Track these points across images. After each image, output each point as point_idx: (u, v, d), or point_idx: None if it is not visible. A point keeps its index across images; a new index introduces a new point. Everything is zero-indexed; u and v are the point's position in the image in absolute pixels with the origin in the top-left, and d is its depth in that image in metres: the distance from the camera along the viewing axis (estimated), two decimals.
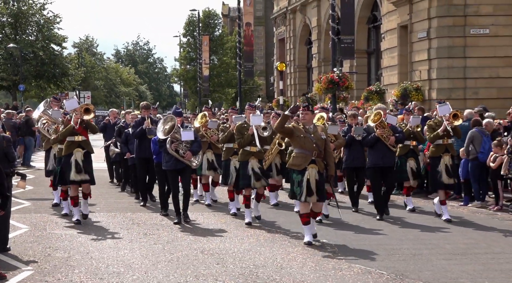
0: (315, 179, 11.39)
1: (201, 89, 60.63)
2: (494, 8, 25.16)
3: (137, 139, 16.01)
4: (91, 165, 13.81)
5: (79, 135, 13.56)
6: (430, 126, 14.16)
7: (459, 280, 9.14)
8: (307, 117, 11.70)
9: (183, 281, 9.17)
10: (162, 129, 13.38)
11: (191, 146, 13.55)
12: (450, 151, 14.06)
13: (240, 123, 13.78)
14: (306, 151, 11.47)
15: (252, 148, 13.45)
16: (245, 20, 49.50)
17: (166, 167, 13.73)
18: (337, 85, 29.07)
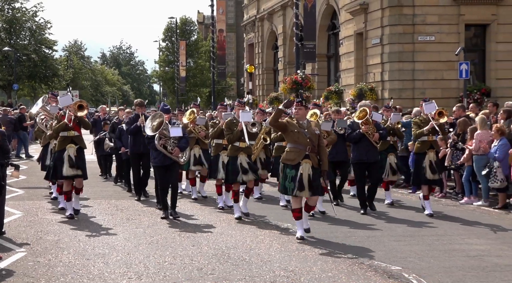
0: (308, 174, 10.44)
1: (178, 89, 60.49)
2: (439, 18, 25.33)
3: (132, 136, 15.02)
4: (84, 160, 12.81)
5: (72, 131, 12.64)
6: (415, 123, 13.27)
7: (408, 259, 9.20)
8: (300, 112, 10.77)
9: (162, 261, 9.13)
10: (150, 126, 12.39)
11: (178, 142, 12.51)
12: (435, 147, 13.24)
13: (229, 119, 12.80)
14: (300, 145, 10.54)
15: (241, 143, 12.50)
16: (218, 27, 49.43)
17: (154, 163, 12.80)
18: (301, 86, 29.15)
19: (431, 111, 13.05)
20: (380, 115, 13.87)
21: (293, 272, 8.48)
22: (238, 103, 13.31)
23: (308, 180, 10.41)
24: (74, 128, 12.64)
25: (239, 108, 12.97)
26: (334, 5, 33.50)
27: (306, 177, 10.42)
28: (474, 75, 25.94)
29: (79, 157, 12.61)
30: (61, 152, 12.57)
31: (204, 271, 8.57)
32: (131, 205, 14.41)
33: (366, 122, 13.16)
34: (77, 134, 12.74)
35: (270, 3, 43.63)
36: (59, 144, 12.65)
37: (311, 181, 10.43)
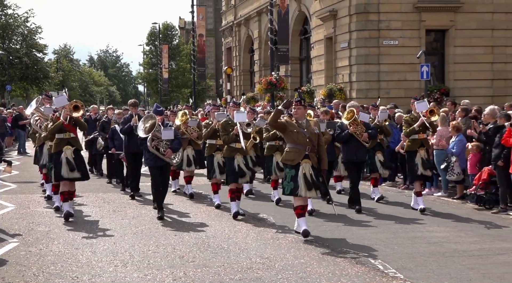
0: (310, 174, 9.66)
1: (161, 89, 60.20)
2: (402, 24, 25.47)
3: (126, 136, 14.19)
4: (83, 162, 11.83)
5: (68, 132, 11.56)
6: (406, 121, 12.55)
7: (374, 246, 9.24)
8: (299, 112, 9.94)
9: (146, 250, 9.09)
10: (142, 128, 11.45)
11: (171, 143, 11.64)
12: (425, 145, 12.48)
13: (224, 120, 11.99)
14: (300, 145, 9.74)
15: (237, 144, 11.65)
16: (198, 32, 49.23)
17: (147, 164, 11.99)
18: (275, 86, 29.17)
19: (423, 109, 12.33)
20: (367, 115, 13.18)
21: (268, 259, 8.48)
22: (233, 104, 12.39)
23: (311, 179, 9.66)
24: (70, 130, 11.62)
25: (234, 109, 12.12)
26: (305, 11, 33.54)
27: (309, 176, 9.66)
28: (434, 76, 26.12)
29: (77, 159, 11.59)
30: (58, 154, 11.53)
31: (186, 259, 8.54)
32: (117, 198, 14.33)
33: (353, 122, 12.47)
34: (73, 136, 11.68)
35: (247, 9, 43.60)
36: (55, 146, 11.60)
37: (314, 180, 9.70)
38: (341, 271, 7.84)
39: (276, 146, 13.45)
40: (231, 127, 11.73)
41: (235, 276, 7.65)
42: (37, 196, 14.48)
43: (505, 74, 25.91)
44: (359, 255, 8.67)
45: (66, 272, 7.91)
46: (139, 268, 8.05)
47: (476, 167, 13.40)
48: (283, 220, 11.31)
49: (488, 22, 25.78)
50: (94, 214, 12.22)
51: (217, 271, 7.87)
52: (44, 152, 13.49)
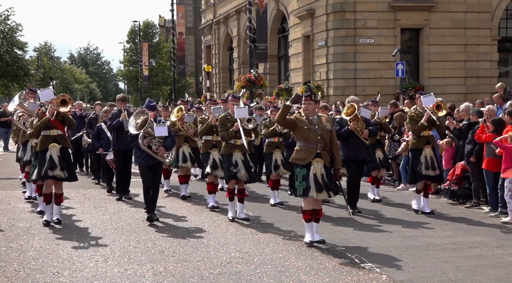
0: (321, 174, 8.75)
1: (142, 86, 59.96)
2: (378, 23, 25.62)
3: (114, 132, 13.14)
4: (69, 161, 10.80)
5: (55, 129, 10.44)
6: (411, 117, 11.56)
7: (351, 240, 9.27)
8: (310, 107, 8.97)
9: (126, 245, 9.03)
10: (134, 124, 10.51)
11: (164, 141, 10.66)
12: (431, 142, 11.52)
13: (223, 115, 11.05)
14: (311, 143, 8.82)
15: (236, 140, 10.79)
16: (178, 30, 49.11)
17: (137, 162, 10.85)
18: (254, 84, 29.19)
19: (430, 104, 11.32)
20: (369, 111, 12.24)
21: (247, 254, 8.47)
22: (232, 98, 11.32)
23: (322, 180, 8.75)
24: (57, 126, 10.49)
25: (234, 103, 11.07)
26: (283, 10, 33.58)
27: (320, 177, 8.74)
28: (409, 74, 26.32)
29: (63, 158, 10.47)
30: (43, 152, 10.43)
31: (166, 254, 8.51)
32: (98, 194, 14.22)
33: (354, 119, 11.56)
34: (60, 133, 10.55)
35: (226, 8, 43.52)
36: (40, 144, 10.48)
37: (325, 181, 8.79)
38: (318, 265, 7.85)
39: (275, 143, 12.68)
40: (230, 123, 10.83)
41: (214, 270, 7.63)
42: (18, 192, 14.33)
43: (477, 72, 26.19)
44: (336, 249, 8.69)
45: (47, 267, 7.84)
46: (119, 263, 8.01)
47: (450, 162, 13.49)
48: (262, 219, 11.30)
49: (461, 21, 26.03)
50: (75, 210, 12.12)
51: (196, 266, 7.85)
52: (27, 149, 12.62)
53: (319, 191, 8.70)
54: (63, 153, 10.53)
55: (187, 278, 7.31)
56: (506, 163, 10.61)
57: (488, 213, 11.39)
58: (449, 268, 7.67)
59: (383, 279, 7.25)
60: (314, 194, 8.68)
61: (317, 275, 7.38)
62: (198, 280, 7.25)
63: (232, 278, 7.30)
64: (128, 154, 13.06)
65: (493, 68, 26.58)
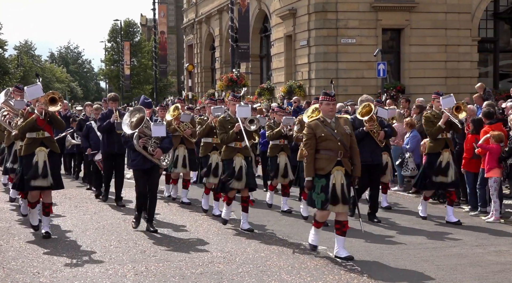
0: (341, 184, 7.95)
1: (123, 86, 59.70)
2: (359, 23, 25.70)
3: (105, 134, 12.34)
4: (57, 167, 9.71)
5: (42, 131, 9.36)
6: (427, 119, 10.63)
7: (332, 240, 9.25)
8: (327, 108, 8.02)
9: (107, 245, 8.99)
10: (128, 123, 9.54)
11: (161, 142, 9.78)
12: (450, 146, 10.64)
13: (222, 116, 10.14)
14: (330, 151, 7.93)
15: (237, 143, 9.85)
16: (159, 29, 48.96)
17: (131, 166, 9.96)
18: (236, 83, 29.16)
19: (450, 105, 10.48)
20: (386, 111, 11.26)
21: (229, 253, 8.47)
22: (232, 98, 10.26)
23: (341, 191, 7.96)
24: (44, 128, 9.40)
25: (234, 103, 10.07)
26: (265, 10, 33.57)
27: (339, 187, 7.94)
28: (390, 74, 26.43)
29: (51, 163, 9.40)
30: (28, 157, 9.33)
31: (147, 253, 8.48)
32: (79, 194, 14.15)
33: (370, 119, 10.51)
34: (48, 135, 9.46)
35: (208, 7, 43.45)
36: (26, 148, 9.39)
37: (344, 192, 7.99)
38: (300, 264, 7.87)
39: (281, 145, 11.71)
40: (230, 124, 9.89)
41: (196, 270, 7.62)
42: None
43: (457, 72, 26.37)
44: (318, 248, 8.71)
45: (27, 267, 7.78)
46: (100, 263, 7.96)
47: None
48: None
49: (442, 22, 26.20)
50: (55, 209, 11.98)
51: (178, 265, 7.83)
52: (12, 153, 11.59)
53: (334, 203, 7.93)
54: (51, 157, 9.44)
55: (169, 278, 7.29)
56: (490, 163, 10.72)
57: (468, 212, 11.49)
58: (430, 267, 7.73)
59: (364, 278, 7.29)
60: (329, 206, 7.97)
61: (299, 275, 7.39)
62: (179, 279, 7.24)
63: (214, 277, 7.30)
64: (119, 158, 12.42)
65: (473, 68, 26.80)
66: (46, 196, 9.55)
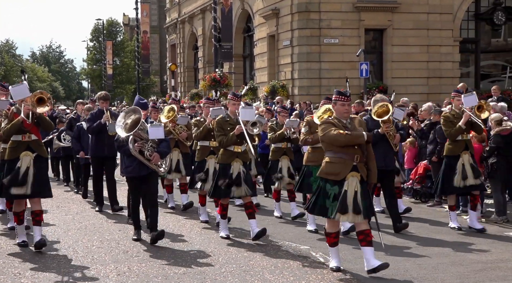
0: (355, 191, 7.23)
1: (106, 85, 59.37)
2: (342, 23, 25.78)
3: (94, 136, 11.43)
4: (44, 173, 8.81)
5: (29, 133, 8.54)
6: (446, 119, 9.88)
7: (315, 239, 9.32)
8: (342, 109, 7.39)
9: (90, 245, 8.94)
10: (122, 125, 8.69)
11: (158, 146, 8.93)
12: (470, 148, 9.90)
13: (221, 116, 9.33)
14: (345, 155, 7.25)
15: (236, 147, 9.11)
16: (142, 29, 48.85)
17: (126, 173, 9.08)
18: (219, 83, 29.18)
19: (472, 104, 9.82)
20: (402, 112, 10.52)
21: (212, 253, 8.46)
22: (232, 97, 9.42)
23: (354, 199, 7.22)
24: (31, 130, 8.58)
25: (235, 102, 9.36)
26: (248, 9, 33.58)
27: (351, 195, 7.23)
28: (373, 74, 26.53)
29: (37, 169, 8.56)
30: (12, 162, 8.51)
31: (130, 254, 8.45)
32: (61, 193, 14.04)
33: (387, 120, 9.66)
34: (35, 138, 8.64)
35: (191, 7, 43.38)
36: (9, 151, 8.56)
37: (357, 200, 7.24)
38: (283, 264, 7.88)
39: (283, 149, 11.02)
40: (230, 125, 9.15)
41: (179, 270, 7.61)
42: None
43: (439, 72, 26.55)
44: (301, 247, 8.73)
45: (8, 268, 7.72)
46: (83, 263, 7.92)
47: (413, 161, 13.65)
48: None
49: (424, 22, 26.36)
50: None
51: (161, 266, 7.81)
52: None
53: (343, 212, 7.21)
54: (38, 163, 8.59)
55: (151, 278, 7.27)
56: None
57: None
58: (412, 266, 7.77)
59: (347, 277, 7.31)
60: (337, 215, 7.26)
61: (282, 274, 7.40)
62: (162, 279, 7.22)
63: (197, 277, 7.29)
64: (109, 162, 11.60)
65: (455, 68, 27.00)
66: (34, 203, 8.70)
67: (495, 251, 8.59)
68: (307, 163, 9.78)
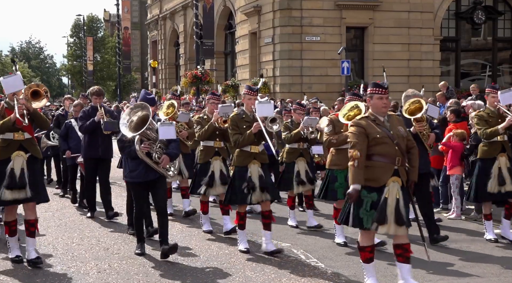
0: (396, 199, 6.17)
1: (86, 82, 59.10)
2: (324, 21, 25.86)
3: (86, 136, 10.33)
4: (38, 175, 7.84)
5: (22, 131, 7.49)
6: (481, 117, 8.85)
7: (296, 237, 9.34)
8: (379, 103, 6.27)
9: (70, 243, 8.87)
10: (126, 123, 7.57)
11: (166, 147, 7.88)
12: (507, 150, 8.86)
13: (235, 113, 8.27)
14: (386, 157, 6.18)
15: (253, 147, 8.07)
16: (123, 25, 48.62)
17: (130, 178, 7.95)
18: (200, 80, 29.13)
19: (509, 102, 8.75)
20: (437, 109, 9.36)
21: (193, 250, 8.44)
22: (248, 91, 8.25)
23: (395, 207, 6.17)
24: (24, 128, 7.52)
25: (251, 97, 8.19)
26: (230, 6, 33.55)
27: (393, 203, 6.16)
28: (354, 72, 26.66)
29: (31, 171, 7.56)
30: (3, 164, 7.48)
31: (110, 251, 8.39)
32: None
33: (421, 118, 8.48)
34: (28, 136, 7.60)
35: (172, 3, 43.24)
36: (0, 151, 7.54)
37: (400, 209, 6.19)
38: (264, 261, 7.88)
39: (299, 150, 9.90)
40: (246, 123, 8.11)
41: (160, 267, 7.57)
42: None
43: (420, 70, 26.75)
44: (282, 245, 8.73)
45: None
46: (62, 261, 7.86)
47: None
48: None
49: (405, 21, 26.53)
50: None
51: (142, 263, 7.77)
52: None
53: (381, 222, 6.17)
54: (31, 164, 7.59)
55: (132, 275, 7.23)
56: (452, 160, 10.84)
57: None
58: (392, 263, 7.79)
59: (328, 274, 7.32)
60: (391, 228, 6.20)
61: (263, 271, 7.40)
62: (143, 277, 7.18)
63: (178, 274, 7.26)
64: (103, 163, 10.45)
65: (436, 67, 27.21)
66: (30, 210, 7.65)
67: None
68: (331, 167, 8.66)
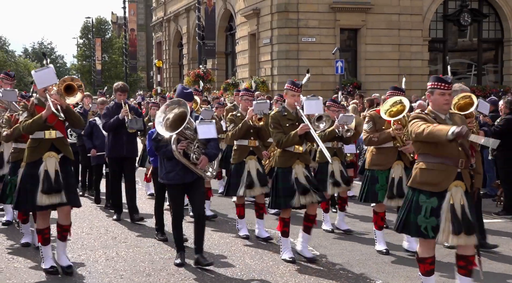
0: (461, 205, 5.22)
1: (95, 80, 59.08)
2: (319, 23, 25.83)
3: (110, 134, 9.48)
4: (72, 178, 6.79)
5: (52, 129, 6.55)
6: None
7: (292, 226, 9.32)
8: (442, 99, 5.35)
9: (79, 232, 8.84)
10: (162, 121, 6.60)
11: (205, 147, 6.93)
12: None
13: (277, 110, 7.36)
14: (448, 159, 5.23)
15: (297, 147, 7.13)
16: (130, 27, 48.55)
17: (166, 180, 6.99)
18: (202, 79, 29.08)
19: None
20: (488, 105, 8.07)
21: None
22: (291, 86, 7.24)
23: (462, 215, 5.21)
24: (56, 126, 6.58)
25: (294, 93, 7.20)
26: (231, 9, 33.51)
27: (459, 210, 5.21)
28: (347, 71, 26.62)
29: (64, 174, 6.58)
30: (33, 166, 6.52)
31: (118, 240, 8.40)
32: None
33: (470, 115, 6.99)
34: (60, 135, 6.65)
35: (176, 6, 43.18)
36: (30, 152, 6.58)
37: (468, 217, 5.23)
38: (263, 249, 7.89)
39: (333, 149, 8.68)
40: (289, 121, 7.20)
41: (164, 255, 7.58)
42: None
43: (409, 70, 26.72)
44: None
45: (1, 253, 7.62)
46: (73, 249, 7.86)
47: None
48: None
49: (395, 23, 26.50)
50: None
51: (147, 251, 7.78)
52: (5, 159, 8.44)
53: (457, 232, 5.16)
54: (63, 166, 6.63)
55: (138, 263, 7.24)
56: None
57: None
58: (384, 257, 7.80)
59: (323, 262, 7.33)
60: (450, 238, 5.20)
61: (262, 259, 7.41)
62: (149, 264, 7.19)
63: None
64: (128, 162, 9.62)
65: (424, 66, 27.19)
66: (64, 215, 6.73)
67: None
68: (371, 167, 7.67)
